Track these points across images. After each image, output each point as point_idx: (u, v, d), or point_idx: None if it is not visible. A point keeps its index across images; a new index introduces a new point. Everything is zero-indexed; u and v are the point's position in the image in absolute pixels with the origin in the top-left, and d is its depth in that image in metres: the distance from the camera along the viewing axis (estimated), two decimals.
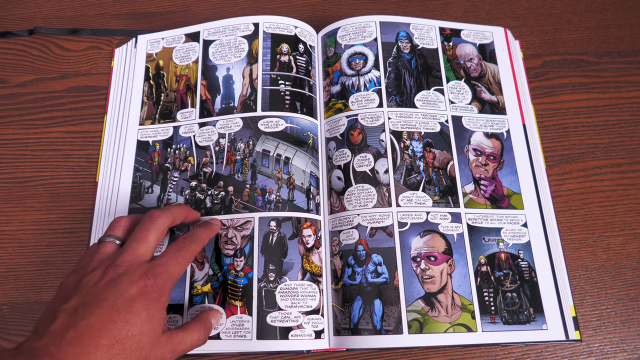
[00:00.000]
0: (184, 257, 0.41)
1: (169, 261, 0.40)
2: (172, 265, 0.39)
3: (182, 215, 0.45)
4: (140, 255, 0.39)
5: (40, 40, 0.64)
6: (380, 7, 0.66)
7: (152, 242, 0.41)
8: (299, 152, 0.52)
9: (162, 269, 0.39)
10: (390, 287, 0.47)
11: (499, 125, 0.55)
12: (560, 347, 0.49)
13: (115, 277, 0.37)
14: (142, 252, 0.40)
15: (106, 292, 0.36)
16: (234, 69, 0.56)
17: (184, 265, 0.41)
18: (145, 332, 0.35)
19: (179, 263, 0.40)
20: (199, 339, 0.41)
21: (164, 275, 0.38)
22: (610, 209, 0.55)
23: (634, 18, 0.65)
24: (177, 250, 0.41)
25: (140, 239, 0.40)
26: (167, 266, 0.39)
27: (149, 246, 0.40)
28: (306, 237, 0.49)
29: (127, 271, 0.38)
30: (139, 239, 0.40)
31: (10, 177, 0.56)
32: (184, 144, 0.54)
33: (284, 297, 0.46)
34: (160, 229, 0.42)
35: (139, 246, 0.40)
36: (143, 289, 0.37)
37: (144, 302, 0.36)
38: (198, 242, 0.43)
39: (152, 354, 0.36)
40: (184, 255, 0.41)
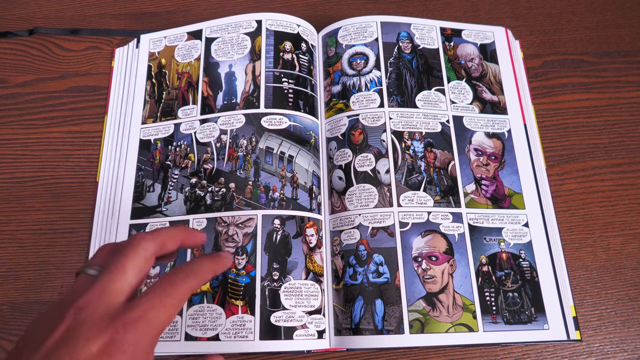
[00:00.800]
0: (173, 296, 0.29)
1: (149, 302, 0.28)
2: (153, 308, 0.28)
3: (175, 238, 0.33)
4: (111, 292, 0.28)
5: (40, 40, 0.64)
6: (380, 7, 0.66)
7: (129, 277, 0.29)
8: (302, 150, 0.52)
9: (137, 315, 0.27)
10: (392, 287, 0.47)
11: (500, 125, 0.56)
12: (560, 347, 0.49)
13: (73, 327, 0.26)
14: (115, 288, 0.28)
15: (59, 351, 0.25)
16: (236, 65, 0.56)
17: (172, 309, 0.29)
18: None
19: (164, 305, 0.28)
20: None
21: (140, 325, 0.27)
22: (610, 209, 0.55)
23: (634, 18, 0.65)
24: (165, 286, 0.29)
25: (114, 270, 0.29)
26: (146, 310, 0.27)
27: (125, 281, 0.29)
28: (309, 236, 0.49)
29: (90, 318, 0.26)
30: (112, 270, 0.29)
31: (10, 177, 0.56)
32: (185, 141, 0.54)
33: (289, 296, 0.46)
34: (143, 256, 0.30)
35: (111, 280, 0.28)
36: (108, 347, 0.26)
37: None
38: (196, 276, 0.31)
39: None
40: (173, 294, 0.29)
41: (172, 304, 0.28)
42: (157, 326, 0.27)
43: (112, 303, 0.27)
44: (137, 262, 0.30)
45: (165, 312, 0.28)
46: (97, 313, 0.27)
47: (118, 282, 0.28)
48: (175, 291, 0.29)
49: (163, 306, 0.28)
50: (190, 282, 0.30)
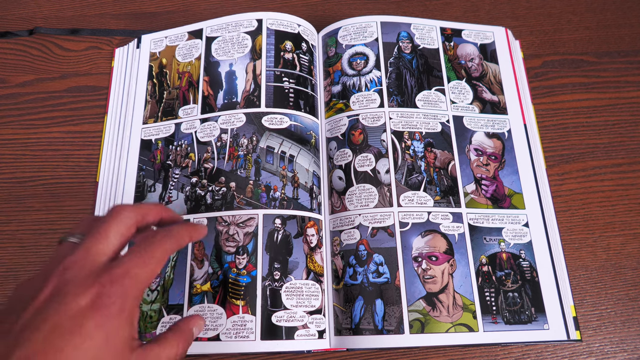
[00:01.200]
0: (152, 255, 0.31)
1: (132, 260, 0.30)
2: (136, 265, 0.30)
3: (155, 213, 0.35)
4: (95, 254, 0.30)
5: (40, 40, 0.64)
6: (380, 7, 0.67)
7: (112, 239, 0.31)
8: (303, 150, 0.52)
9: (122, 271, 0.29)
10: (392, 287, 0.47)
11: (500, 125, 0.56)
12: (560, 347, 0.49)
13: (60, 285, 0.28)
14: (98, 250, 0.30)
15: (48, 309, 0.27)
16: (236, 64, 0.56)
17: (154, 266, 0.31)
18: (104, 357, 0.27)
19: (146, 263, 0.30)
20: (176, 354, 0.32)
21: (126, 281, 0.29)
22: (610, 209, 0.55)
23: (634, 18, 0.65)
24: (144, 246, 0.31)
25: (96, 234, 0.31)
26: (130, 268, 0.29)
27: (109, 244, 0.30)
28: (310, 236, 0.49)
29: (76, 277, 0.28)
30: (94, 234, 0.31)
31: (10, 177, 0.56)
32: (185, 141, 0.54)
33: (290, 296, 0.46)
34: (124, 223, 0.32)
35: (94, 243, 0.30)
36: (96, 300, 0.27)
37: (99, 318, 0.27)
38: (174, 238, 0.33)
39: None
40: (152, 253, 0.31)
41: (153, 261, 0.31)
42: (140, 281, 0.29)
43: (96, 262, 0.29)
44: (118, 228, 0.31)
45: (147, 268, 0.30)
46: (83, 271, 0.28)
47: (101, 244, 0.30)
48: (155, 250, 0.31)
49: (145, 264, 0.30)
50: (168, 243, 0.32)
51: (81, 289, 0.27)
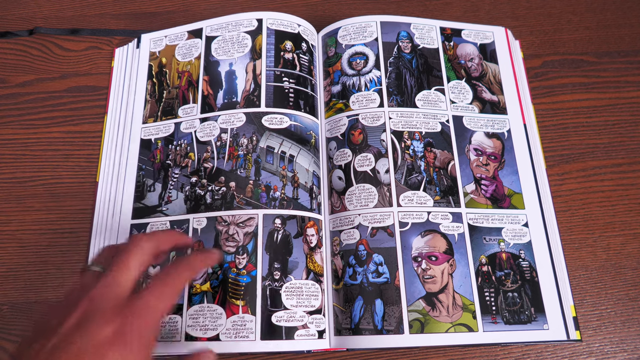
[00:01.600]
0: (171, 287, 0.34)
1: (152, 293, 0.33)
2: (156, 298, 0.33)
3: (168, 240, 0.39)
4: (119, 285, 0.33)
5: (40, 40, 0.64)
6: (380, 7, 0.67)
7: (133, 270, 0.34)
8: (303, 150, 0.52)
9: (143, 304, 0.32)
10: (391, 287, 0.47)
11: (500, 125, 0.56)
12: (560, 347, 0.49)
13: (87, 315, 0.30)
14: (121, 282, 0.33)
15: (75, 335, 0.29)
16: (236, 64, 0.56)
17: (171, 297, 0.34)
18: None
19: (165, 295, 0.33)
20: None
21: (145, 312, 0.32)
22: (610, 209, 0.55)
23: (634, 18, 0.65)
24: (164, 279, 0.34)
25: (119, 265, 0.34)
26: (149, 300, 0.32)
27: (130, 275, 0.34)
28: (309, 236, 0.49)
29: (101, 307, 0.31)
30: (118, 265, 0.34)
31: (10, 177, 0.56)
32: (185, 140, 0.54)
33: (290, 296, 0.46)
34: (144, 253, 0.35)
35: (117, 275, 0.33)
36: (119, 331, 0.30)
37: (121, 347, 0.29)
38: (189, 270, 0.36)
39: None
40: (171, 286, 0.34)
41: (171, 293, 0.34)
42: (159, 313, 0.32)
43: (120, 294, 0.32)
44: (138, 258, 0.35)
45: (165, 300, 0.33)
46: (107, 303, 0.31)
47: (124, 275, 0.33)
48: (173, 282, 0.34)
49: (163, 296, 0.33)
50: (185, 275, 0.36)
51: (105, 319, 0.30)
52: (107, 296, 0.32)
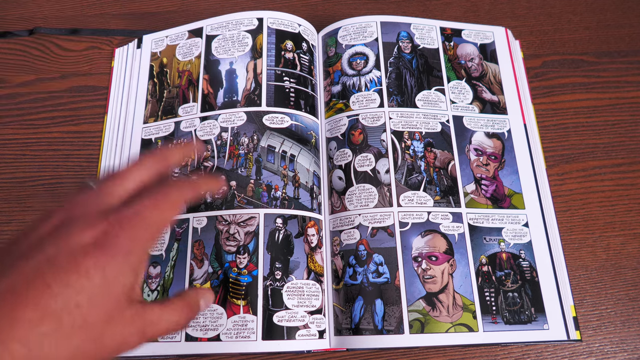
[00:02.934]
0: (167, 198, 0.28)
1: (145, 202, 0.27)
2: (148, 207, 0.27)
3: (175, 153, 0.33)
4: (107, 195, 0.28)
5: (40, 40, 0.64)
6: (380, 7, 0.67)
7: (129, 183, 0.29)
8: (304, 150, 0.52)
9: (133, 212, 0.27)
10: (392, 287, 0.47)
11: (500, 125, 0.56)
12: (560, 347, 0.49)
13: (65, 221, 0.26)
14: (112, 192, 0.28)
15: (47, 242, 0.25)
16: (237, 63, 0.56)
17: (168, 210, 0.28)
18: (97, 303, 0.24)
19: (159, 206, 0.28)
20: (178, 323, 0.29)
21: (136, 222, 0.26)
22: (610, 209, 0.55)
23: (634, 18, 0.65)
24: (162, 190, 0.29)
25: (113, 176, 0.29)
26: (141, 209, 0.27)
27: (124, 187, 0.29)
28: (310, 236, 0.49)
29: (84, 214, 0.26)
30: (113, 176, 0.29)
31: (10, 177, 0.56)
32: (185, 139, 0.54)
33: (291, 296, 0.46)
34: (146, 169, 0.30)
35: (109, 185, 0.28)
36: (101, 238, 0.25)
37: (100, 258, 0.24)
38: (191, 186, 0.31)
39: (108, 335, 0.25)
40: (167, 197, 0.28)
41: (167, 205, 0.28)
42: (151, 226, 0.27)
43: (107, 203, 0.27)
44: (138, 173, 0.30)
45: (159, 213, 0.27)
46: (92, 209, 0.26)
47: (116, 186, 0.28)
48: (170, 193, 0.29)
49: (157, 208, 0.27)
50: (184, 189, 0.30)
51: (86, 224, 0.25)
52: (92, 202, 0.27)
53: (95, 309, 0.24)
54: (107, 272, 0.24)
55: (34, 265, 0.23)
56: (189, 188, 0.30)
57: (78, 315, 0.23)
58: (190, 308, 0.30)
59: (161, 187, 0.29)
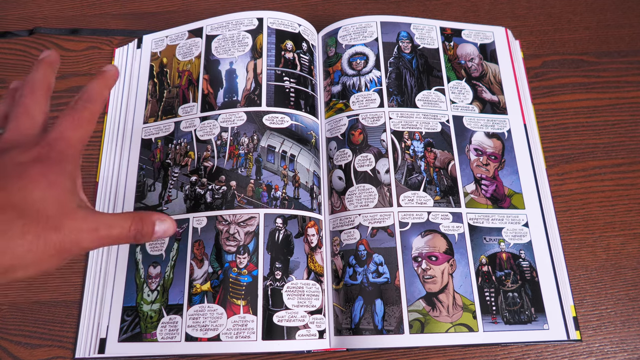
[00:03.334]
0: (80, 117, 0.34)
1: (63, 125, 0.33)
2: (68, 129, 0.33)
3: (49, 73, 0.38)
4: (25, 129, 0.33)
5: (40, 40, 0.64)
6: (379, 7, 0.67)
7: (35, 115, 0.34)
8: (304, 150, 0.52)
9: (57, 135, 0.32)
10: (392, 287, 0.47)
11: (500, 125, 0.56)
12: (560, 347, 0.49)
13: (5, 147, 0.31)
14: (26, 126, 0.33)
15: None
16: (237, 63, 0.56)
17: (85, 126, 0.34)
18: (49, 199, 0.29)
19: (77, 125, 0.34)
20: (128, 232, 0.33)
21: (61, 141, 0.32)
22: (610, 209, 0.55)
23: (634, 18, 0.65)
24: (71, 112, 0.34)
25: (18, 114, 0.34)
26: (63, 131, 0.33)
27: (33, 120, 0.34)
28: (310, 236, 0.49)
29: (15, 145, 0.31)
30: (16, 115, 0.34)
31: None
32: (185, 139, 0.54)
33: (291, 296, 0.46)
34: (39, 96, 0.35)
35: (20, 122, 0.33)
36: (37, 156, 0.31)
37: (41, 167, 0.30)
38: (94, 99, 0.36)
39: (67, 226, 0.29)
40: (80, 116, 0.34)
41: (81, 123, 0.34)
42: (74, 141, 0.33)
43: (30, 135, 0.33)
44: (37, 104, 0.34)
45: (78, 129, 0.34)
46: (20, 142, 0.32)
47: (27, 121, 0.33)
48: (80, 114, 0.34)
49: (75, 126, 0.33)
50: (89, 106, 0.35)
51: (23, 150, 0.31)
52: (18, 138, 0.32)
53: (49, 203, 0.29)
54: (49, 177, 0.30)
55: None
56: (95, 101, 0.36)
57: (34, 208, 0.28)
58: (142, 221, 0.34)
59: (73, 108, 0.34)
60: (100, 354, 0.47)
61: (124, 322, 0.48)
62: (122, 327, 0.47)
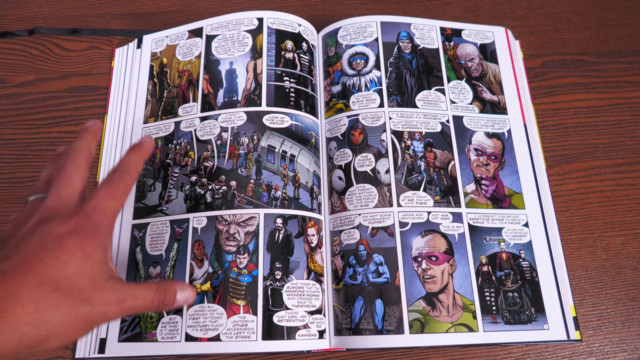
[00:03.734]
0: (116, 189, 0.36)
1: (100, 196, 0.35)
2: (105, 199, 0.35)
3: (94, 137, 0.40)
4: (65, 197, 0.35)
5: (40, 40, 0.64)
6: (379, 7, 0.67)
7: (76, 183, 0.36)
8: (304, 150, 0.52)
9: (94, 205, 0.34)
10: (392, 287, 0.47)
11: (500, 125, 0.56)
12: (560, 347, 0.49)
13: (42, 220, 0.33)
14: (67, 194, 0.35)
15: (33, 235, 0.32)
16: (237, 63, 0.56)
17: (119, 198, 0.36)
18: (82, 272, 0.31)
19: (113, 197, 0.35)
20: (152, 302, 0.35)
21: (98, 212, 0.34)
22: (610, 209, 0.55)
23: (634, 18, 0.65)
24: (108, 183, 0.36)
25: (60, 181, 0.35)
26: (99, 202, 0.34)
27: (74, 188, 0.35)
28: (310, 236, 0.49)
29: (55, 215, 0.33)
30: (59, 182, 0.35)
31: (10, 177, 0.56)
32: (185, 139, 0.54)
33: (291, 296, 0.46)
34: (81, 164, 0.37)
35: (61, 189, 0.35)
36: (74, 228, 0.32)
37: (77, 239, 0.32)
38: (130, 171, 0.38)
39: (97, 299, 0.31)
40: (116, 188, 0.36)
41: (117, 195, 0.36)
42: (109, 212, 0.35)
43: (69, 204, 0.34)
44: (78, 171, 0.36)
45: (113, 201, 0.35)
46: (61, 209, 0.33)
47: (67, 189, 0.35)
48: (117, 186, 0.36)
49: (110, 197, 0.35)
50: (126, 177, 0.37)
51: (60, 221, 0.32)
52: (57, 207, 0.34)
53: (82, 277, 0.31)
54: (84, 249, 0.32)
55: (29, 250, 0.31)
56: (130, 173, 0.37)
57: (69, 281, 0.30)
58: (165, 291, 0.36)
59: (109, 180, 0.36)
60: (100, 354, 0.47)
61: (124, 322, 0.48)
62: (122, 327, 0.47)
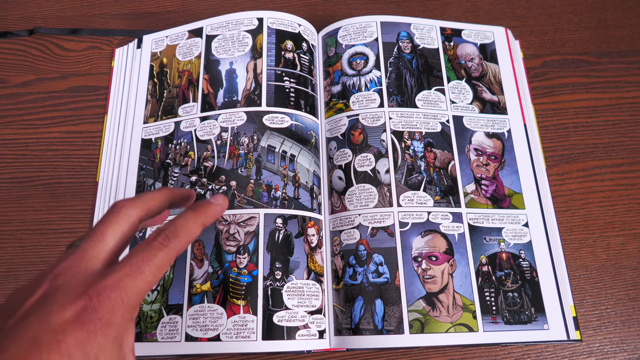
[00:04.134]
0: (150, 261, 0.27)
1: (127, 269, 0.26)
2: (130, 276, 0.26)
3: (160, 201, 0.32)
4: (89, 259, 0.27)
5: (40, 40, 0.64)
6: (379, 7, 0.67)
7: (109, 241, 0.28)
8: (304, 150, 0.52)
9: (113, 282, 0.25)
10: (392, 287, 0.47)
11: (500, 125, 0.56)
12: (560, 347, 0.49)
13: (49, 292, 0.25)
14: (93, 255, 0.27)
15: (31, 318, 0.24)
16: (237, 63, 0.56)
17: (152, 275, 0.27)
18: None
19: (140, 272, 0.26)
20: None
21: (115, 293, 0.25)
22: (610, 209, 0.55)
23: (634, 18, 0.65)
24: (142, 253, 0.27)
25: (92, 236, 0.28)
26: (122, 278, 0.26)
27: (104, 247, 0.28)
28: (310, 236, 0.49)
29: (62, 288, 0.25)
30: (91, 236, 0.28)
31: (10, 177, 0.56)
32: (185, 139, 0.54)
33: (291, 296, 0.46)
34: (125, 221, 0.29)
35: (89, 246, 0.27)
36: (81, 314, 0.24)
37: (80, 335, 0.24)
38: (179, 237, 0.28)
39: None
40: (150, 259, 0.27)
41: (150, 270, 0.26)
42: (132, 295, 0.26)
43: (89, 269, 0.26)
44: (118, 228, 0.28)
45: (142, 279, 0.26)
46: (74, 279, 0.26)
47: (96, 248, 0.27)
48: (153, 256, 0.27)
49: (140, 273, 0.26)
50: (171, 245, 0.28)
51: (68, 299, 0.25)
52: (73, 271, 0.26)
53: None
54: (87, 350, 0.24)
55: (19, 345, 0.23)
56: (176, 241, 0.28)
57: None
58: None
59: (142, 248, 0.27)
60: None
61: None
62: None
